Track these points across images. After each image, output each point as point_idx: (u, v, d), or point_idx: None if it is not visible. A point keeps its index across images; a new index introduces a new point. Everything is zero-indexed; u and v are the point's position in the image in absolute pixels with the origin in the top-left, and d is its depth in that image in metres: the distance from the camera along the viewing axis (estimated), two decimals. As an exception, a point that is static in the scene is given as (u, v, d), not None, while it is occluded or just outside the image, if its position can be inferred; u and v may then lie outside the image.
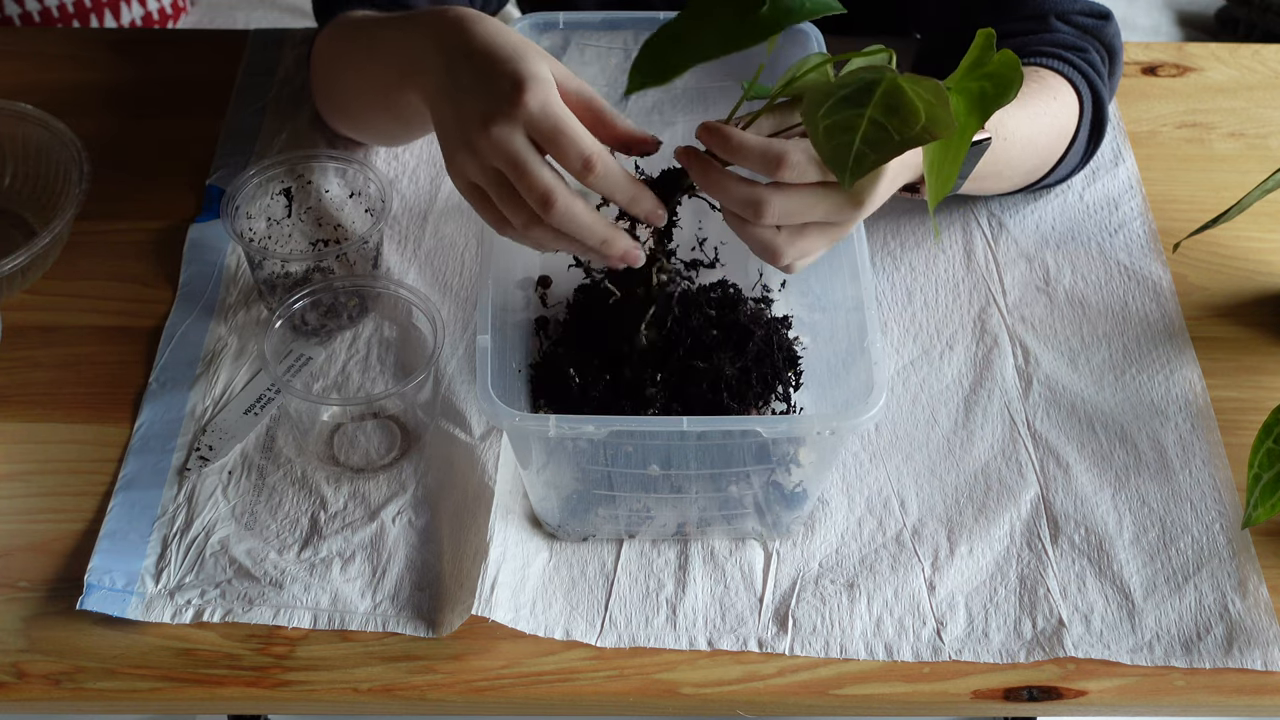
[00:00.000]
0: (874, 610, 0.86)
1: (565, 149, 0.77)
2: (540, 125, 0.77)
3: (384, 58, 0.93)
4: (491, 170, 0.79)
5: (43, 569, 0.87)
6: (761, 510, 0.87)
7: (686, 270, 1.00)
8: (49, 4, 2.19)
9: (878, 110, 0.71)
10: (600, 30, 0.99)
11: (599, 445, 0.81)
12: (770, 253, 0.80)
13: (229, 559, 0.87)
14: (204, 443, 0.93)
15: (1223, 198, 1.10)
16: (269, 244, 1.03)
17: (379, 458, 0.93)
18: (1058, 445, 0.94)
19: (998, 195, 1.08)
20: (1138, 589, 0.87)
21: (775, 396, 0.92)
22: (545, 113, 0.77)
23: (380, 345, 0.99)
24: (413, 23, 0.90)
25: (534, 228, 0.79)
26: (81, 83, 1.20)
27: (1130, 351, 1.00)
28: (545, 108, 0.77)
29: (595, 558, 0.88)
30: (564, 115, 0.77)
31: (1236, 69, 1.24)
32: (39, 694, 0.82)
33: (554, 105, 0.77)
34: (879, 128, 0.71)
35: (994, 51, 0.74)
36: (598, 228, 0.79)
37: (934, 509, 0.91)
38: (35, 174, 1.08)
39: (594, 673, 0.83)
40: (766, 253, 0.80)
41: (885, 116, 0.71)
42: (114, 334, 1.01)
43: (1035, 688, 0.83)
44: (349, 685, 0.82)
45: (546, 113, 0.77)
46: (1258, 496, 0.85)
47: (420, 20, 0.89)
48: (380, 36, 0.95)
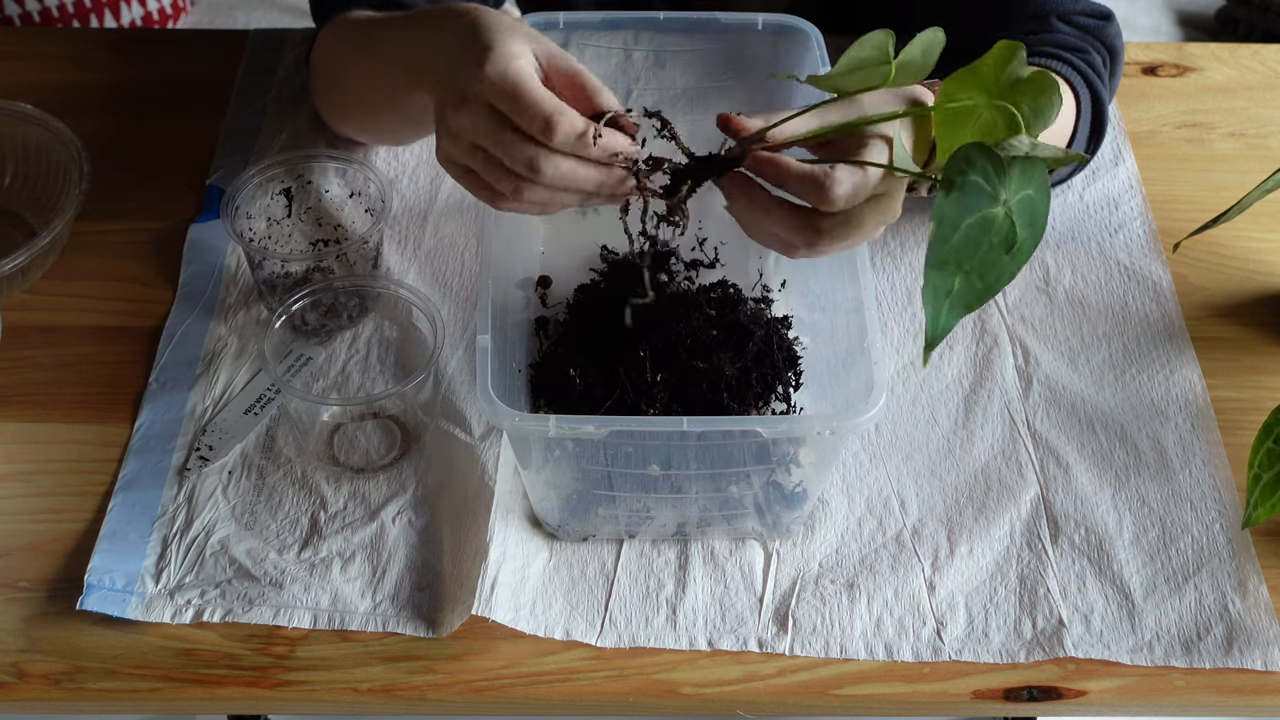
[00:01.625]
0: (874, 610, 0.86)
1: (524, 113, 0.76)
2: (498, 93, 0.76)
3: (389, 58, 0.93)
4: (472, 147, 0.79)
5: (43, 569, 0.87)
6: (761, 510, 0.87)
7: (686, 270, 1.01)
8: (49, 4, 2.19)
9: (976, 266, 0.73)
10: (600, 30, 0.99)
11: (599, 445, 0.81)
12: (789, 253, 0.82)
13: (229, 559, 0.87)
14: (204, 443, 0.93)
15: (1223, 198, 1.10)
16: (269, 244, 1.03)
17: (379, 458, 0.93)
18: (1058, 445, 0.94)
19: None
20: (1138, 589, 0.87)
21: (775, 396, 0.92)
22: (502, 80, 0.76)
23: (380, 345, 0.99)
24: (416, 22, 0.90)
25: (528, 191, 0.79)
26: (81, 83, 1.20)
27: (1130, 351, 1.00)
28: (502, 76, 0.76)
29: (595, 558, 0.88)
30: (521, 81, 0.76)
31: (1236, 69, 1.24)
32: (39, 694, 0.82)
33: (511, 73, 0.77)
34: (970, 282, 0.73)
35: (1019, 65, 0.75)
36: (592, 172, 0.79)
37: (934, 509, 0.91)
38: (35, 174, 1.08)
39: (594, 673, 0.83)
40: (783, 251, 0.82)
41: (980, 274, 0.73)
42: (114, 334, 1.01)
43: (1035, 688, 0.83)
44: (349, 685, 0.82)
45: (504, 80, 0.76)
46: (1258, 496, 0.85)
47: (424, 19, 0.89)
48: (383, 37, 0.95)
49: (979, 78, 0.77)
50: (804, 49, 0.97)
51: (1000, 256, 0.73)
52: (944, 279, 0.72)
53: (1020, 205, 0.73)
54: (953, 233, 0.71)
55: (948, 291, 0.72)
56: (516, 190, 0.79)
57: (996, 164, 0.72)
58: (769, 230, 0.80)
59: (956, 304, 0.73)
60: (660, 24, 0.98)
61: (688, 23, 0.98)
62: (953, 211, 0.71)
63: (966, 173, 0.71)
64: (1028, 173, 0.73)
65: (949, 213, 0.71)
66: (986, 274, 0.73)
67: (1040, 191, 0.74)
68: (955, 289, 0.72)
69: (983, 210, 0.72)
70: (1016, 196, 0.73)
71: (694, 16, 0.98)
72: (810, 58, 0.95)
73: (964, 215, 0.71)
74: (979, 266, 0.72)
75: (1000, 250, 0.72)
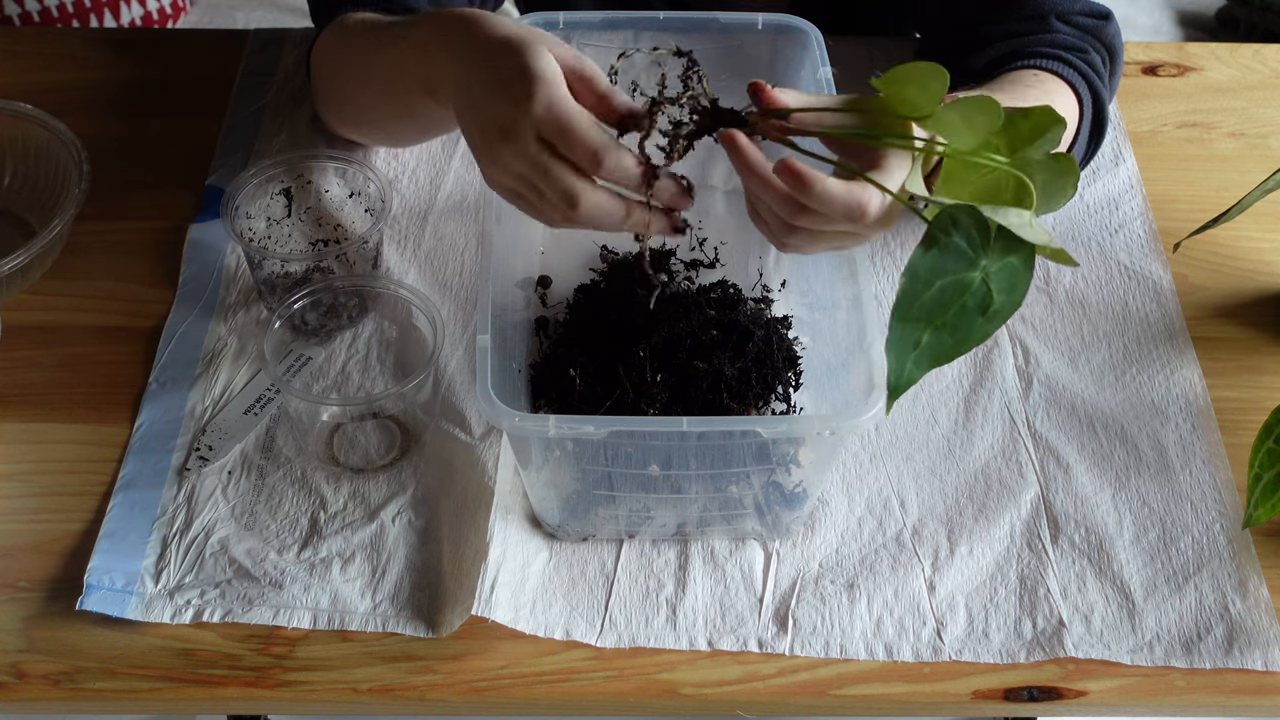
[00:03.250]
0: (874, 610, 0.86)
1: (572, 146, 0.77)
2: (547, 127, 0.77)
3: (399, 62, 0.93)
4: (519, 176, 0.80)
5: (43, 569, 0.87)
6: (761, 510, 0.87)
7: (686, 270, 1.00)
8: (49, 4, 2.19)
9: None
10: (600, 30, 0.99)
11: (599, 445, 0.81)
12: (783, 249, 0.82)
13: (229, 559, 0.87)
14: (204, 443, 0.93)
15: (1223, 198, 1.10)
16: (269, 244, 1.03)
17: (379, 458, 0.93)
18: (1058, 445, 0.94)
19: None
20: (1138, 589, 0.87)
21: (775, 397, 0.92)
22: (551, 113, 0.77)
23: (380, 345, 0.99)
24: (419, 28, 0.90)
25: (574, 216, 0.80)
26: (81, 83, 1.20)
27: (1130, 351, 1.00)
28: (550, 108, 0.77)
29: (595, 558, 0.88)
30: (569, 113, 0.77)
31: (1236, 69, 1.24)
32: (39, 694, 0.82)
33: (559, 104, 0.77)
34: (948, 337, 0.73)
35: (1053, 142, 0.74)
36: (623, 214, 0.80)
37: (934, 509, 0.91)
38: (35, 174, 1.08)
39: (594, 673, 0.83)
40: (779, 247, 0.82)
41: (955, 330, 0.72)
42: (114, 334, 1.01)
43: (1035, 688, 0.83)
44: (349, 685, 0.82)
45: (552, 113, 0.77)
46: (1258, 496, 0.85)
47: (427, 25, 0.89)
48: (388, 42, 0.95)
49: (1012, 134, 0.75)
50: (804, 49, 0.97)
51: (974, 318, 0.72)
52: (911, 332, 0.71)
53: (1000, 272, 0.72)
54: (925, 289, 0.71)
55: (915, 343, 0.72)
56: (566, 216, 0.80)
57: (983, 230, 0.71)
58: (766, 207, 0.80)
59: (923, 358, 0.72)
60: (660, 24, 0.98)
61: (688, 23, 0.98)
62: (927, 269, 0.71)
63: (951, 234, 0.71)
64: (1014, 245, 0.72)
65: (923, 269, 0.71)
66: (958, 332, 0.72)
67: (1024, 262, 0.73)
68: (924, 342, 0.72)
69: (959, 273, 0.71)
70: (997, 264, 0.72)
71: (694, 16, 0.98)
72: (810, 58, 0.95)
73: (938, 275, 0.71)
74: (950, 324, 0.72)
75: (974, 313, 0.72)
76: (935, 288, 0.71)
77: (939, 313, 0.71)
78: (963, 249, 0.71)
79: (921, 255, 0.71)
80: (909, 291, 0.71)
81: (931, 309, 0.71)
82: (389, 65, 0.94)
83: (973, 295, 0.72)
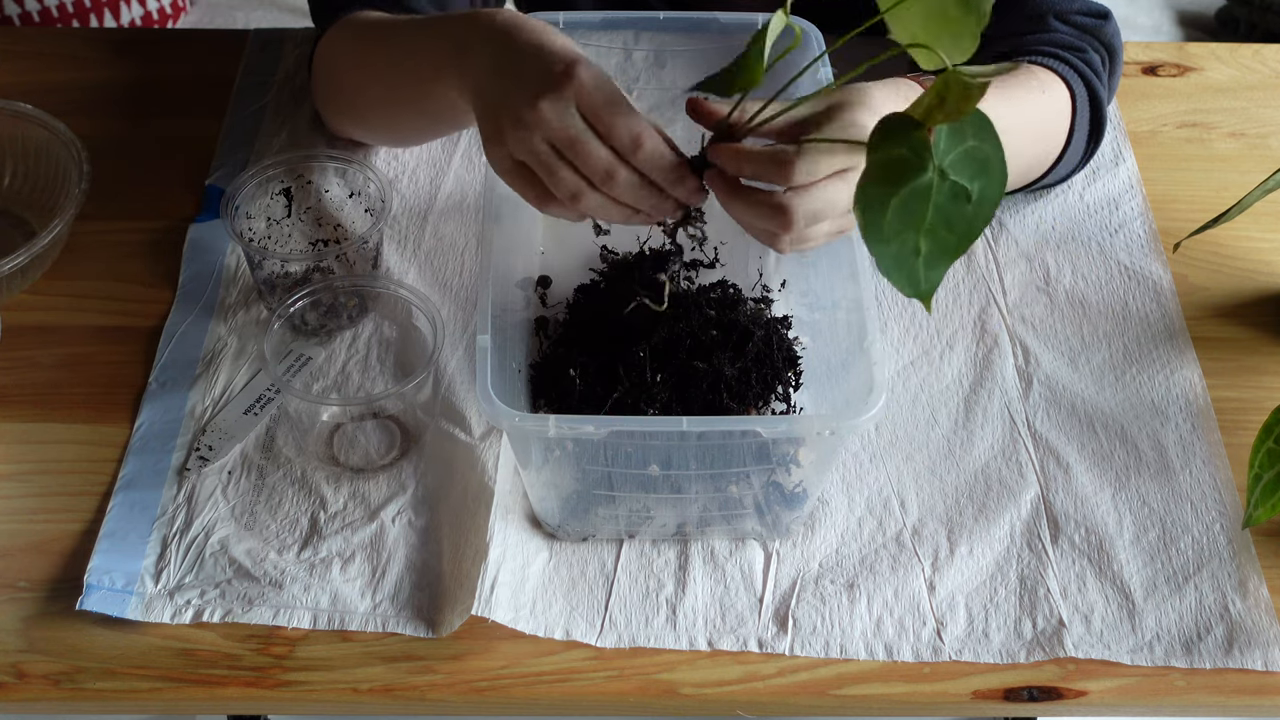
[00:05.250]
0: (874, 610, 0.86)
1: (616, 124, 0.77)
2: (593, 98, 0.77)
3: (413, 57, 0.92)
4: (541, 145, 0.79)
5: (43, 569, 0.87)
6: (761, 510, 0.87)
7: (686, 270, 1.00)
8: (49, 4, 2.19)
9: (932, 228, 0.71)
10: (600, 30, 0.99)
11: (599, 445, 0.81)
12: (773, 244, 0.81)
13: (229, 559, 0.87)
14: (204, 443, 0.93)
15: (1223, 198, 1.10)
16: (269, 244, 1.03)
17: (379, 458, 0.93)
18: (1058, 445, 0.94)
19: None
20: (1138, 589, 0.87)
21: (775, 397, 0.92)
22: (599, 85, 0.77)
23: (380, 345, 0.99)
24: (447, 24, 0.90)
25: (586, 198, 0.80)
26: (81, 83, 1.20)
27: (1130, 351, 1.00)
28: (599, 79, 0.77)
29: (595, 558, 0.88)
30: (617, 90, 0.77)
31: (1236, 69, 1.24)
32: (39, 694, 0.82)
33: (607, 80, 0.77)
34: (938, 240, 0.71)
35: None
36: (653, 195, 0.80)
37: (934, 509, 0.91)
38: (35, 174, 1.08)
39: (594, 673, 0.83)
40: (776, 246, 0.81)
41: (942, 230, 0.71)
42: (114, 334, 1.01)
43: (1035, 688, 0.83)
44: (349, 685, 0.82)
45: (600, 85, 0.77)
46: (1258, 496, 0.85)
47: (457, 21, 0.89)
48: (405, 37, 0.95)
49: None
50: (804, 48, 0.97)
51: (959, 208, 0.70)
52: (900, 247, 0.70)
53: (959, 160, 0.70)
54: (884, 212, 0.70)
55: (915, 251, 0.70)
56: (576, 195, 0.80)
57: (917, 134, 0.70)
58: (749, 221, 0.80)
59: (934, 259, 0.71)
60: (660, 24, 0.98)
61: (687, 22, 0.98)
62: (876, 193, 0.70)
63: (878, 148, 0.70)
64: (958, 129, 0.70)
65: (872, 196, 0.70)
66: (953, 226, 0.71)
67: (983, 138, 0.71)
68: (924, 249, 0.71)
69: (910, 181, 0.70)
70: (950, 155, 0.70)
71: (694, 16, 0.98)
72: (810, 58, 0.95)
73: (889, 194, 0.70)
74: (939, 223, 0.70)
75: (956, 204, 0.70)
76: (892, 206, 0.70)
77: (917, 220, 0.70)
78: (902, 157, 0.70)
79: (862, 187, 0.70)
80: (869, 221, 0.69)
81: (905, 221, 0.70)
82: (407, 59, 0.94)
83: (940, 192, 0.70)
